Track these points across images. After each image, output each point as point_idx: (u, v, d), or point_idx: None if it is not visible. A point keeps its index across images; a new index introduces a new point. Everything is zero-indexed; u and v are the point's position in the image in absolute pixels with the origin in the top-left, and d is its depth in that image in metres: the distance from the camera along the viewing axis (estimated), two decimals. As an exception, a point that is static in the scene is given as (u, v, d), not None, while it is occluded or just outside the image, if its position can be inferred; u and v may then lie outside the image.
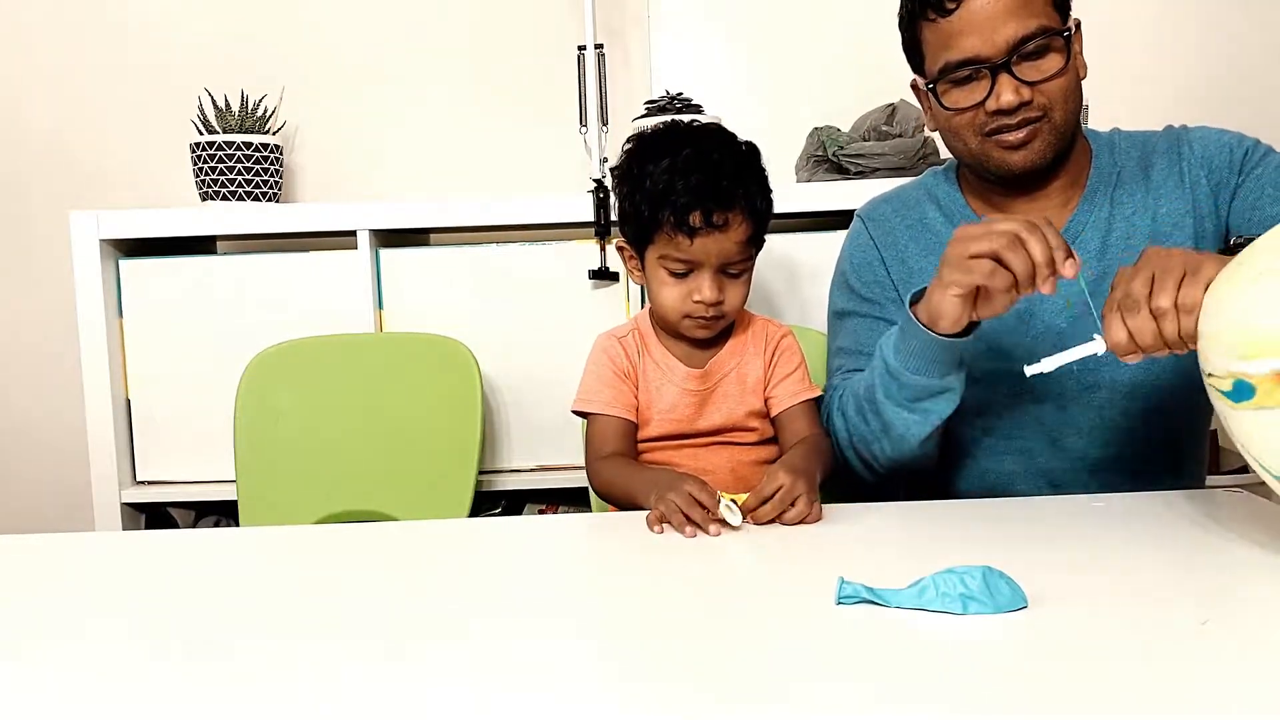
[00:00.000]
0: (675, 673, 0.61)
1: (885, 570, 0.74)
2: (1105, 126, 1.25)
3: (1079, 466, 1.17)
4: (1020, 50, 1.07)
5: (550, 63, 1.95)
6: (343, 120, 2.01)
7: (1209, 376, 0.77)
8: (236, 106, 1.79)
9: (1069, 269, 0.89)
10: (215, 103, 1.78)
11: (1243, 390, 0.73)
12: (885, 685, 0.58)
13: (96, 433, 1.69)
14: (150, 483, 1.74)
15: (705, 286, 1.13)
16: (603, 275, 1.65)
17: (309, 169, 2.03)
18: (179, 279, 1.71)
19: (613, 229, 1.56)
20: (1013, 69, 1.07)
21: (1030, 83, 1.08)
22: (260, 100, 1.82)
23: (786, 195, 1.60)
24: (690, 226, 1.10)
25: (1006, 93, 1.07)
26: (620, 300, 1.68)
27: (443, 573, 0.87)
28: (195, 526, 1.81)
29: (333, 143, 2.01)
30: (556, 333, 1.68)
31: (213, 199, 1.76)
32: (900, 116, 1.72)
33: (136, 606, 0.79)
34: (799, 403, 1.21)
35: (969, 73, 1.09)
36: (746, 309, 1.26)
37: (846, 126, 1.77)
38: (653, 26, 1.97)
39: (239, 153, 1.74)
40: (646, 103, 1.73)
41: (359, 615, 0.74)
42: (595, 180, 1.66)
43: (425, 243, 1.86)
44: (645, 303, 1.29)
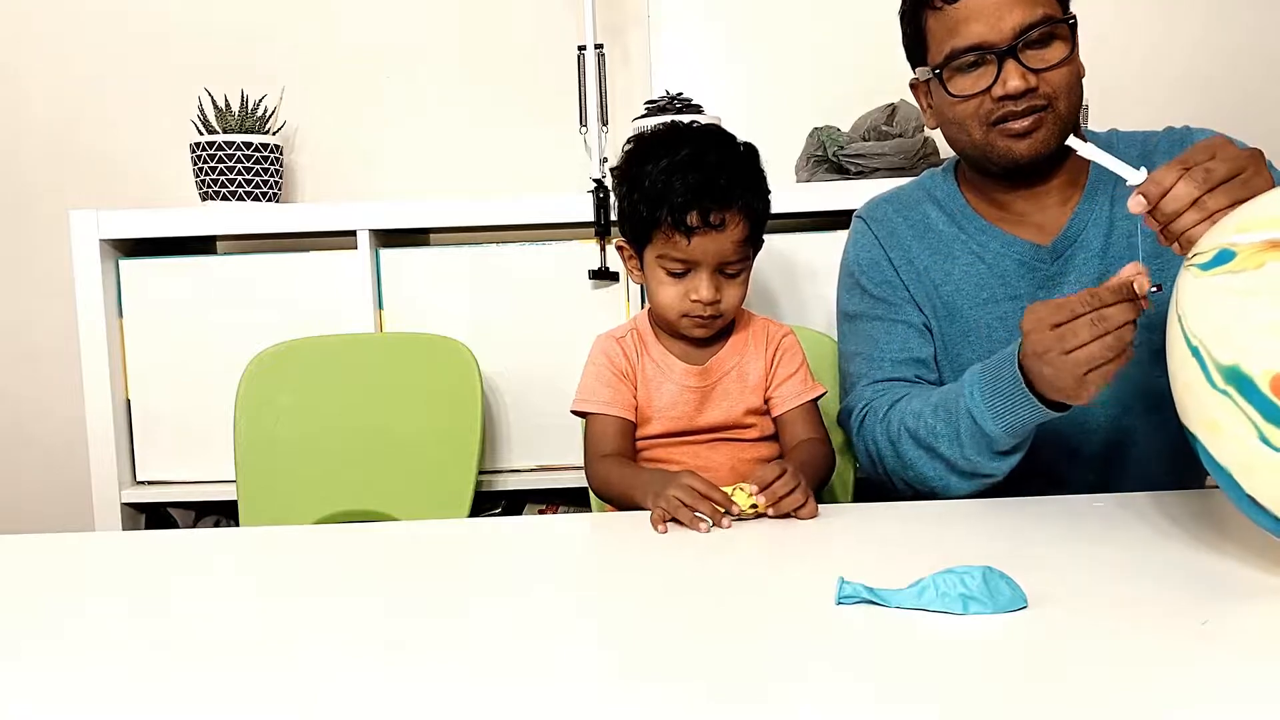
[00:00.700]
0: (675, 672, 0.61)
1: (885, 570, 0.74)
2: (1105, 127, 1.25)
3: (1080, 464, 1.17)
4: (1026, 37, 1.07)
5: (550, 63, 1.95)
6: (343, 120, 2.01)
7: (1192, 258, 0.75)
8: (236, 106, 1.79)
9: (1140, 282, 0.87)
10: (215, 103, 1.78)
11: (1221, 258, 0.71)
12: (885, 685, 0.58)
13: (96, 433, 1.69)
14: (150, 483, 1.74)
15: (702, 286, 1.13)
16: (603, 275, 1.65)
17: (309, 169, 2.03)
18: (179, 279, 1.71)
19: (613, 229, 1.56)
20: (1019, 56, 1.07)
21: (1036, 70, 1.08)
22: (260, 100, 1.82)
23: (786, 195, 1.60)
24: (688, 226, 1.11)
25: (1013, 79, 1.07)
26: (620, 300, 1.68)
27: (443, 573, 0.87)
28: (195, 526, 1.81)
29: (333, 143, 2.01)
30: (556, 333, 1.68)
31: (213, 199, 1.76)
32: (900, 116, 1.72)
33: (136, 606, 0.79)
34: (800, 404, 1.22)
35: (975, 59, 1.09)
36: (747, 308, 1.26)
37: (846, 126, 1.77)
38: (653, 26, 1.97)
39: (239, 153, 1.75)
40: (646, 103, 1.73)
41: (359, 615, 0.74)
42: (595, 180, 1.66)
43: (425, 243, 1.86)
44: (645, 303, 1.29)
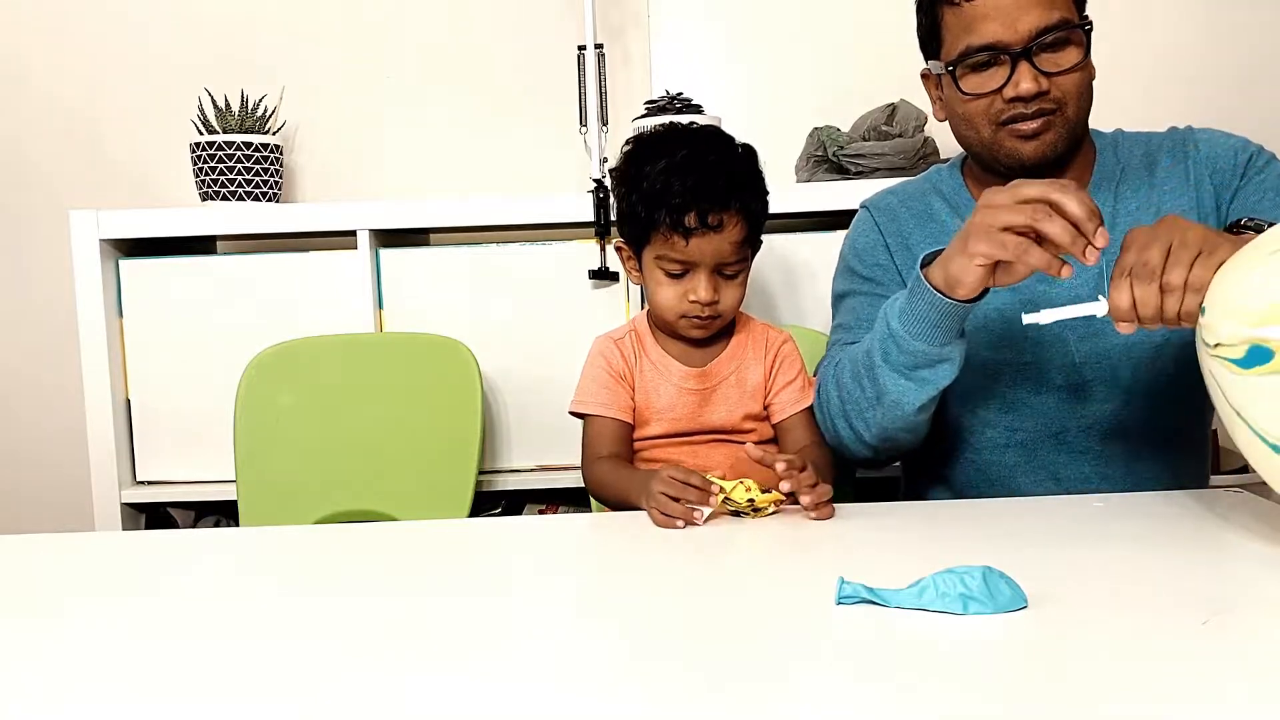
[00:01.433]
0: (675, 672, 0.61)
1: (885, 570, 0.74)
2: (1111, 127, 1.25)
3: (1080, 461, 1.17)
4: (1041, 40, 1.07)
5: (550, 63, 1.95)
6: (343, 120, 2.01)
7: (1216, 347, 0.76)
8: (236, 106, 1.79)
9: (1101, 238, 0.86)
10: (215, 103, 1.78)
11: (1257, 355, 0.73)
12: (885, 685, 0.58)
13: (96, 433, 1.69)
14: (150, 483, 1.74)
15: (701, 287, 1.14)
16: (603, 275, 1.65)
17: (309, 169, 2.03)
18: (179, 279, 1.71)
19: (612, 229, 1.56)
20: (1032, 58, 1.08)
21: (1048, 73, 1.08)
22: (260, 100, 1.82)
23: (786, 195, 1.61)
24: (686, 227, 1.11)
25: (1025, 81, 1.07)
26: (620, 300, 1.68)
27: (443, 573, 0.87)
28: (195, 526, 1.81)
29: (333, 143, 2.01)
30: (556, 333, 1.68)
31: (213, 199, 1.76)
32: (900, 116, 1.72)
33: (136, 606, 0.79)
34: (799, 411, 1.22)
35: (988, 58, 1.10)
36: (746, 312, 1.26)
37: (846, 126, 1.77)
38: (653, 26, 1.97)
39: (239, 153, 1.74)
40: (646, 103, 1.73)
41: (359, 615, 0.74)
42: (595, 180, 1.66)
43: (425, 243, 1.86)
44: (645, 303, 1.29)
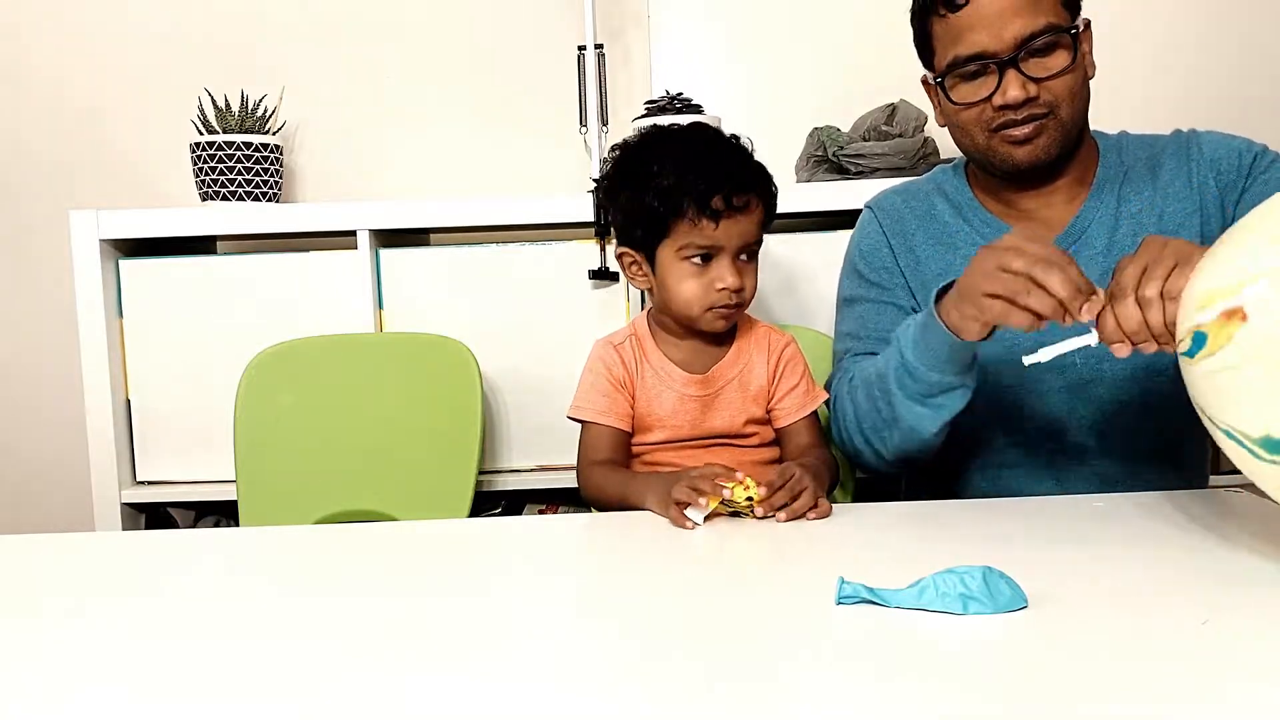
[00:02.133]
0: (675, 672, 0.61)
1: (885, 570, 0.74)
2: (1114, 128, 1.25)
3: (1081, 460, 1.17)
4: (1028, 47, 1.07)
5: (550, 63, 1.95)
6: (343, 120, 2.01)
7: (1179, 346, 0.76)
8: (236, 106, 1.79)
9: (1086, 313, 0.86)
10: (215, 103, 1.78)
11: (1198, 341, 0.72)
12: (885, 685, 0.58)
13: (96, 433, 1.69)
14: (150, 483, 1.74)
15: (727, 273, 1.13)
16: (603, 275, 1.65)
17: (309, 169, 2.03)
18: (179, 279, 1.71)
19: (611, 232, 1.56)
20: (1020, 65, 1.08)
21: (1037, 79, 1.08)
22: (260, 100, 1.82)
23: (786, 195, 1.59)
24: (714, 210, 1.11)
25: (1013, 88, 1.08)
26: (620, 300, 1.68)
27: (443, 573, 0.87)
28: (195, 526, 1.81)
29: (333, 143, 2.01)
30: (556, 333, 1.68)
31: (213, 199, 1.76)
32: (900, 116, 1.72)
33: (136, 606, 0.79)
34: (804, 417, 1.22)
35: (977, 68, 1.10)
36: (749, 314, 1.26)
37: (846, 126, 1.77)
38: (653, 26, 1.97)
39: (239, 153, 1.74)
40: (646, 103, 1.73)
41: (359, 615, 0.74)
42: (595, 180, 1.66)
43: (425, 243, 1.86)
44: (645, 304, 1.29)
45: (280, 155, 1.82)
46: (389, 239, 1.73)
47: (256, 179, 1.77)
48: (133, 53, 2.00)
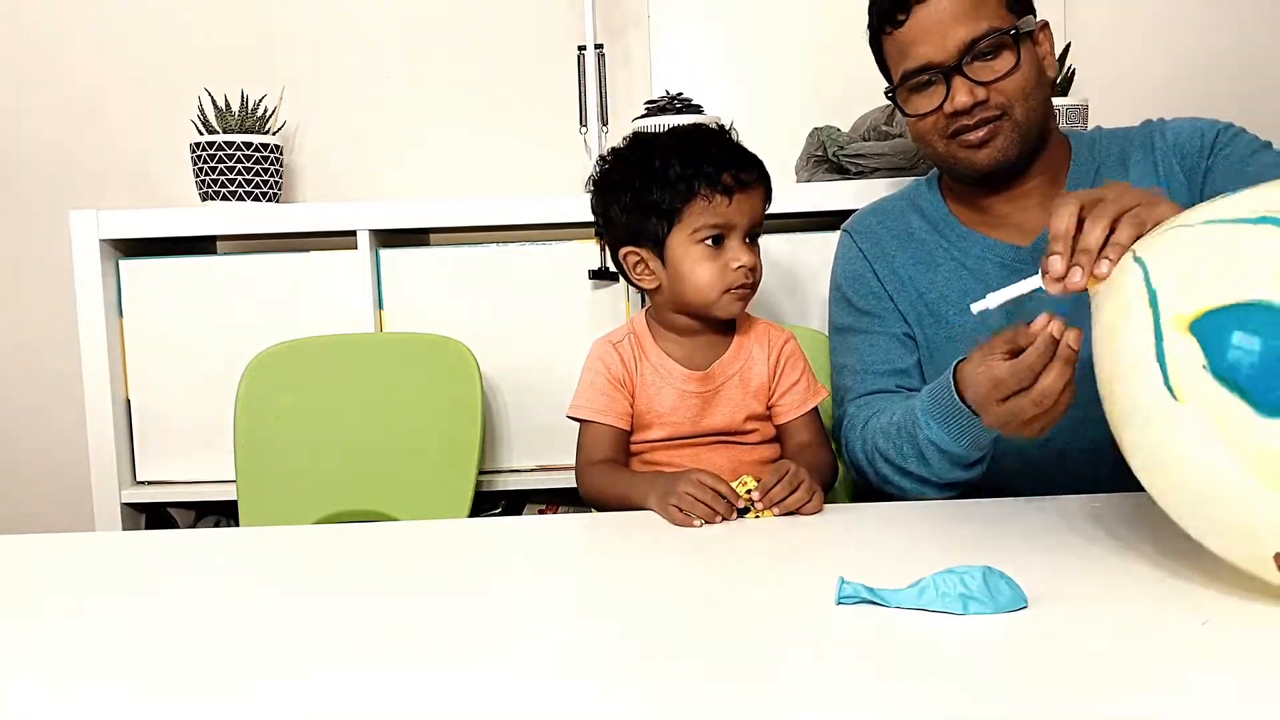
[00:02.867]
0: (675, 672, 0.61)
1: (885, 570, 0.74)
2: (1103, 125, 1.26)
3: (1079, 464, 1.17)
4: (972, 52, 1.10)
5: (550, 63, 1.95)
6: (343, 120, 2.01)
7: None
8: (236, 106, 1.79)
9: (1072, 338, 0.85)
10: (215, 103, 1.78)
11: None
12: (885, 685, 0.58)
13: (96, 433, 1.69)
14: (150, 483, 1.73)
15: (742, 252, 1.16)
16: (603, 275, 1.65)
17: (309, 169, 2.03)
18: (179, 279, 1.71)
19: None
20: (965, 71, 1.10)
21: (984, 82, 1.11)
22: (260, 100, 1.82)
23: (786, 195, 1.60)
24: (726, 186, 1.14)
25: (960, 94, 1.11)
26: (620, 300, 1.68)
27: (443, 573, 0.87)
28: (195, 526, 1.81)
29: (333, 143, 2.01)
30: (556, 333, 1.68)
31: (213, 199, 1.76)
32: (900, 117, 1.72)
33: (136, 606, 0.79)
34: (804, 413, 1.23)
35: (927, 78, 1.13)
36: (748, 311, 1.26)
37: (846, 126, 1.77)
38: (653, 26, 1.97)
39: (239, 153, 1.74)
40: (646, 103, 1.73)
41: (359, 615, 0.74)
42: (590, 188, 1.65)
43: (425, 243, 1.86)
44: (645, 303, 1.29)
45: (280, 155, 1.82)
46: (389, 239, 1.73)
47: (256, 179, 1.77)
48: (133, 53, 2.00)
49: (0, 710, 0.59)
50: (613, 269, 1.64)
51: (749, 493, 0.98)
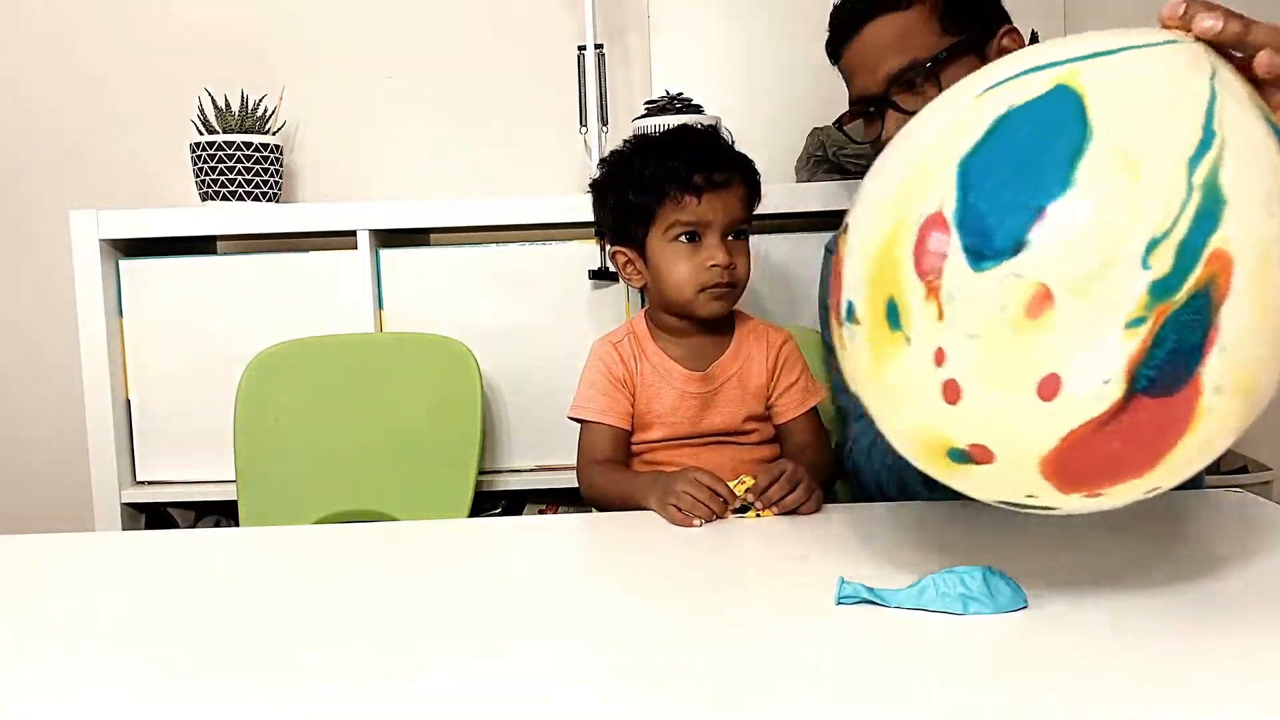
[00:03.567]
0: (674, 672, 0.61)
1: (885, 570, 0.74)
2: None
3: None
4: (899, 82, 1.10)
5: (550, 63, 1.95)
6: (343, 120, 2.01)
7: None
8: (236, 106, 1.79)
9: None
10: (215, 103, 1.78)
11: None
12: (885, 685, 0.58)
13: (96, 433, 1.69)
14: (150, 483, 1.73)
15: (717, 250, 1.16)
16: (603, 275, 1.65)
17: (309, 169, 2.03)
18: (179, 279, 1.71)
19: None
20: (896, 101, 1.10)
21: (914, 112, 1.09)
22: (260, 100, 1.82)
23: (786, 195, 1.60)
24: (695, 186, 1.15)
25: (890, 126, 1.11)
26: (620, 300, 1.68)
27: (443, 573, 0.87)
28: (195, 526, 1.81)
29: (333, 143, 2.01)
30: (556, 333, 1.68)
31: (213, 199, 1.76)
32: (900, 116, 1.72)
33: (136, 606, 0.79)
34: (802, 413, 1.23)
35: (868, 109, 1.14)
36: (746, 310, 1.26)
37: (846, 126, 1.77)
38: (653, 26, 1.97)
39: (239, 153, 1.74)
40: (646, 103, 1.73)
41: (359, 615, 0.74)
42: (589, 188, 1.66)
43: (425, 243, 1.86)
44: (644, 303, 1.29)
45: (280, 155, 1.82)
46: (389, 239, 1.73)
47: (256, 179, 1.76)
48: (133, 53, 2.00)
49: (0, 710, 0.59)
50: (612, 269, 1.65)
51: (747, 492, 0.98)
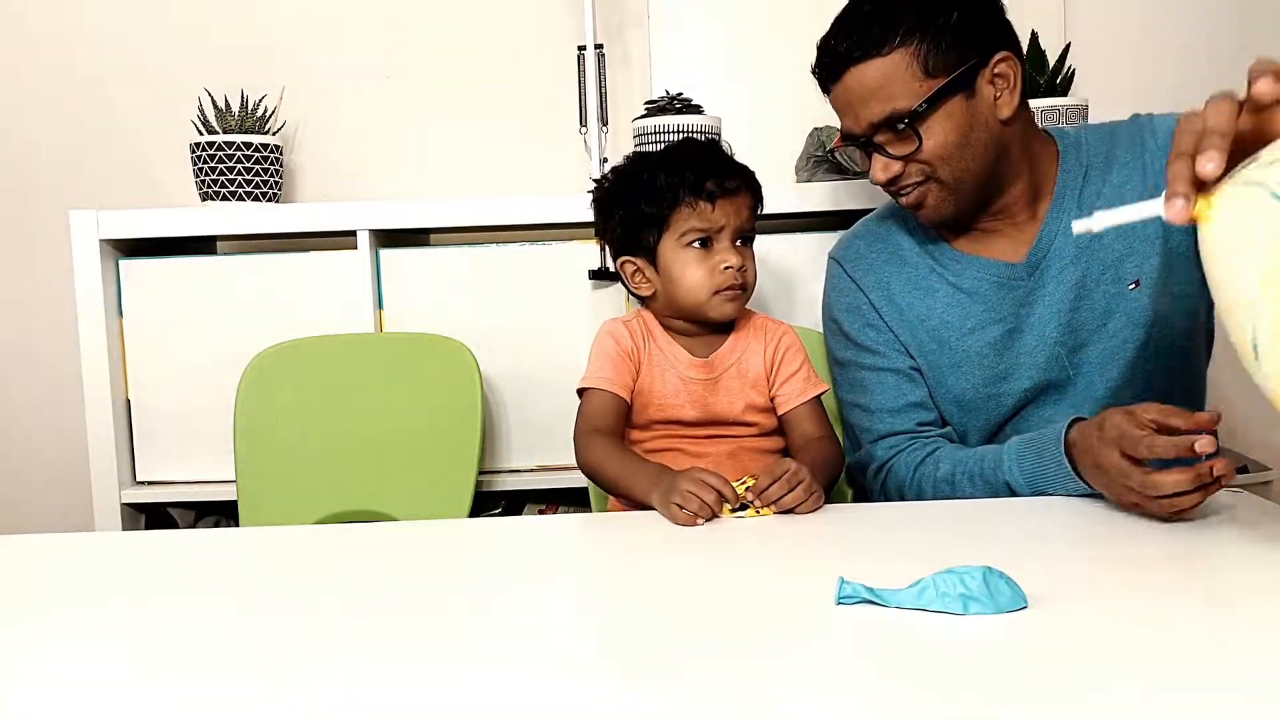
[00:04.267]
0: (675, 672, 0.61)
1: (885, 570, 0.74)
2: (1112, 119, 1.24)
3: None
4: (882, 129, 1.10)
5: (550, 63, 1.95)
6: (343, 120, 2.01)
7: None
8: (236, 106, 1.79)
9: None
10: (215, 103, 1.78)
11: None
12: (885, 685, 0.58)
13: (96, 433, 1.69)
14: (150, 483, 1.74)
15: (730, 253, 1.18)
16: (603, 275, 1.65)
17: (309, 169, 2.03)
18: (179, 279, 1.71)
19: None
20: (878, 143, 1.11)
21: (899, 156, 1.11)
22: (260, 100, 1.82)
23: (786, 195, 1.61)
24: (709, 192, 1.17)
25: (875, 169, 1.13)
26: (620, 300, 1.68)
27: (443, 573, 0.87)
28: (195, 526, 1.81)
29: (333, 143, 2.01)
30: (556, 333, 1.68)
31: (213, 199, 1.76)
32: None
33: (136, 606, 0.79)
34: (805, 402, 1.23)
35: (855, 142, 1.14)
36: (747, 306, 1.27)
37: (846, 127, 1.77)
38: (653, 26, 1.97)
39: (239, 153, 1.74)
40: (646, 103, 1.73)
41: (359, 615, 0.74)
42: (595, 180, 1.65)
43: (425, 243, 1.86)
44: (645, 304, 1.29)
45: (280, 155, 1.82)
46: (389, 239, 1.73)
47: (256, 179, 1.77)
48: (133, 52, 2.00)
49: (1, 710, 0.59)
50: (613, 269, 1.65)
51: (747, 490, 0.98)
